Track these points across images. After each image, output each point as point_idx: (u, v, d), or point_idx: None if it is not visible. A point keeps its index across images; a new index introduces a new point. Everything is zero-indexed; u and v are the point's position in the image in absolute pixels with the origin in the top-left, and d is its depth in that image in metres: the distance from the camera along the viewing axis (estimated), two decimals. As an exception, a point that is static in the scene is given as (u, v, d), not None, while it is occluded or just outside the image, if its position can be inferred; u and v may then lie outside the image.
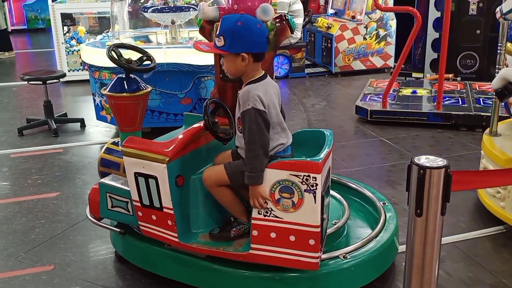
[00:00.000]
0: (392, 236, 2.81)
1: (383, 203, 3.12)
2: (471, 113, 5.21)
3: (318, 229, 2.29)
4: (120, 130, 2.84)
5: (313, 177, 2.23)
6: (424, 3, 6.80)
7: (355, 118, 5.68)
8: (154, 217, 2.59)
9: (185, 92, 4.94)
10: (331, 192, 3.21)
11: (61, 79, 5.61)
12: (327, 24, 7.87)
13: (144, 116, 2.88)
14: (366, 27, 7.65)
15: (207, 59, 4.85)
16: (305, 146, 2.64)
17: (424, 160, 1.36)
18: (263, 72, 2.43)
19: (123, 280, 2.88)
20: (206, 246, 2.55)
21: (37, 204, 3.79)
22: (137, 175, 2.55)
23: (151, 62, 2.89)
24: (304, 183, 2.25)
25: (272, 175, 2.31)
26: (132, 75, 2.79)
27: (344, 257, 2.58)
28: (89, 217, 2.93)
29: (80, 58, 7.31)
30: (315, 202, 2.26)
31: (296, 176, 2.26)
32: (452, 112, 5.25)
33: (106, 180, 2.85)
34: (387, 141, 5.02)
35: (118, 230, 2.85)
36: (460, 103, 5.51)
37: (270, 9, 2.68)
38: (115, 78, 2.79)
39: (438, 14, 6.65)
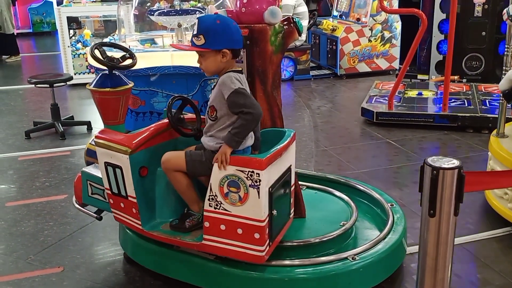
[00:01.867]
0: (401, 238, 2.81)
1: (391, 205, 3.13)
2: (477, 115, 5.20)
3: (263, 224, 2.35)
4: (104, 124, 2.96)
5: (256, 173, 2.30)
6: (429, 5, 6.81)
7: (361, 120, 5.68)
8: (122, 205, 2.73)
9: (191, 94, 4.95)
10: (339, 193, 3.24)
11: (67, 82, 5.62)
12: (332, 26, 7.89)
13: (127, 110, 3.03)
14: (371, 29, 7.66)
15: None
16: (269, 144, 2.65)
17: (437, 161, 1.37)
18: (241, 69, 2.53)
19: (132, 282, 2.89)
20: (165, 235, 2.66)
21: (46, 206, 3.81)
22: (106, 164, 2.69)
23: (132, 60, 3.04)
24: (249, 178, 2.32)
25: (220, 171, 2.39)
26: (116, 72, 2.94)
27: (353, 258, 2.59)
28: (74, 203, 3.06)
29: (86, 61, 7.34)
30: (259, 197, 2.33)
31: (242, 171, 2.33)
32: (458, 114, 5.25)
33: (87, 169, 2.99)
34: (394, 143, 5.02)
35: (95, 216, 2.97)
36: (466, 105, 5.51)
37: (278, 12, 2.69)
38: (99, 75, 2.94)
39: (444, 16, 6.65)
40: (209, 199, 2.44)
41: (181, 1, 5.34)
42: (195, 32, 2.41)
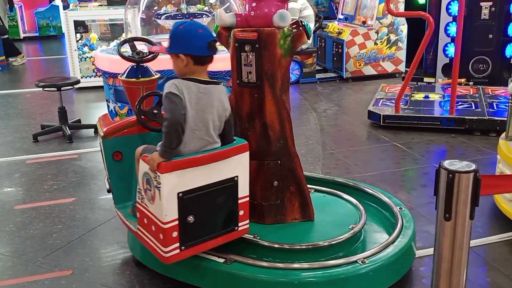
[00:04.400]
0: (410, 241, 2.81)
1: (399, 208, 3.12)
2: (485, 118, 5.19)
3: (165, 226, 2.37)
4: (133, 111, 3.19)
5: (158, 175, 2.34)
6: (435, 8, 6.80)
7: (368, 123, 5.68)
8: (106, 182, 3.15)
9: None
10: (347, 197, 3.24)
11: (74, 86, 5.65)
12: (338, 29, 7.89)
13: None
14: (377, 32, 7.66)
15: (220, 64, 4.88)
16: None
17: (452, 164, 1.37)
18: (207, 79, 2.49)
19: (141, 285, 2.89)
20: (123, 217, 2.94)
21: (54, 209, 3.82)
22: (100, 145, 3.09)
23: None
24: (155, 179, 2.38)
25: (142, 167, 2.49)
26: (144, 64, 3.44)
27: (362, 262, 2.59)
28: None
29: (93, 64, 7.37)
30: (160, 199, 2.36)
31: (152, 171, 2.40)
32: (466, 117, 5.23)
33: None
34: (401, 146, 5.01)
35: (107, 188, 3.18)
36: (473, 108, 5.50)
37: (288, 15, 2.70)
38: (129, 67, 3.46)
39: (450, 19, 6.64)
40: (138, 191, 2.56)
41: (188, 4, 5.37)
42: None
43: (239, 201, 2.61)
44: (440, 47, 6.82)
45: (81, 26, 7.57)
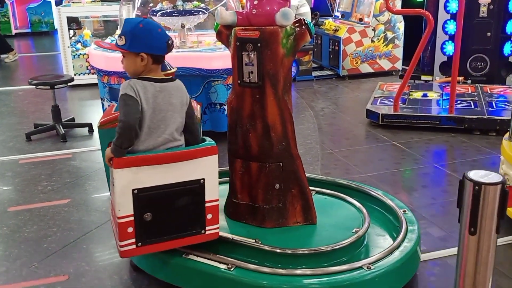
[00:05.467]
0: (415, 246, 2.74)
1: (403, 211, 3.06)
2: (485, 117, 5.14)
3: (119, 220, 2.41)
4: None
5: (112, 170, 2.45)
6: (433, 5, 6.73)
7: (366, 122, 5.61)
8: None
9: (195, 96, 4.87)
10: (349, 199, 3.18)
11: (68, 84, 5.54)
12: (335, 27, 7.81)
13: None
14: (374, 30, 7.59)
15: (217, 63, 4.80)
16: None
17: (478, 175, 1.30)
18: (162, 77, 2.53)
19: (139, 291, 2.82)
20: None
21: (48, 211, 3.73)
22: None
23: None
24: (111, 174, 2.47)
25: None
26: None
27: (368, 267, 2.52)
28: None
29: (87, 61, 7.26)
30: (114, 194, 2.44)
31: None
32: (465, 116, 5.18)
33: None
34: (400, 145, 4.95)
35: None
36: (473, 107, 5.45)
37: (291, 13, 2.62)
38: None
39: (448, 17, 6.58)
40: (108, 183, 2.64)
41: (184, 1, 5.26)
42: (119, 32, 2.49)
43: (207, 205, 2.55)
44: (438, 45, 6.75)
45: (74, 23, 7.43)
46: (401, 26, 7.67)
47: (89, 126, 5.49)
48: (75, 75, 7.27)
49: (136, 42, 2.42)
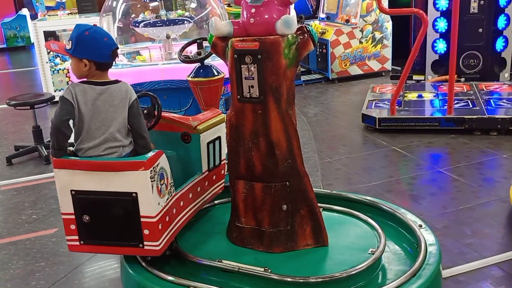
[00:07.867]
0: (438, 266, 2.53)
1: (419, 226, 2.85)
2: (485, 116, 4.98)
3: (63, 216, 2.53)
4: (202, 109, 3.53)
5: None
6: (421, 4, 6.56)
7: (362, 127, 5.42)
8: None
9: (184, 109, 4.63)
10: (360, 214, 2.97)
11: (49, 103, 5.25)
12: (321, 29, 7.62)
13: (217, 97, 3.63)
14: (361, 31, 7.42)
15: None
16: None
17: None
18: (107, 80, 2.53)
19: (140, 331, 2.56)
20: None
21: (35, 243, 3.46)
22: None
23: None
24: None
25: None
26: (209, 64, 3.55)
27: (392, 295, 2.31)
28: None
29: (67, 76, 6.98)
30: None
31: None
32: (465, 116, 5.02)
33: None
34: (400, 150, 4.76)
35: None
36: (471, 106, 5.29)
37: (293, 21, 2.41)
38: (196, 67, 3.57)
39: (438, 14, 6.43)
40: None
41: (167, 10, 5.03)
42: (69, 37, 2.51)
43: (142, 220, 2.45)
44: (429, 43, 6.59)
45: (51, 37, 7.12)
46: (389, 25, 7.51)
47: (73, 145, 5.19)
48: (55, 91, 6.96)
49: (80, 48, 2.46)
